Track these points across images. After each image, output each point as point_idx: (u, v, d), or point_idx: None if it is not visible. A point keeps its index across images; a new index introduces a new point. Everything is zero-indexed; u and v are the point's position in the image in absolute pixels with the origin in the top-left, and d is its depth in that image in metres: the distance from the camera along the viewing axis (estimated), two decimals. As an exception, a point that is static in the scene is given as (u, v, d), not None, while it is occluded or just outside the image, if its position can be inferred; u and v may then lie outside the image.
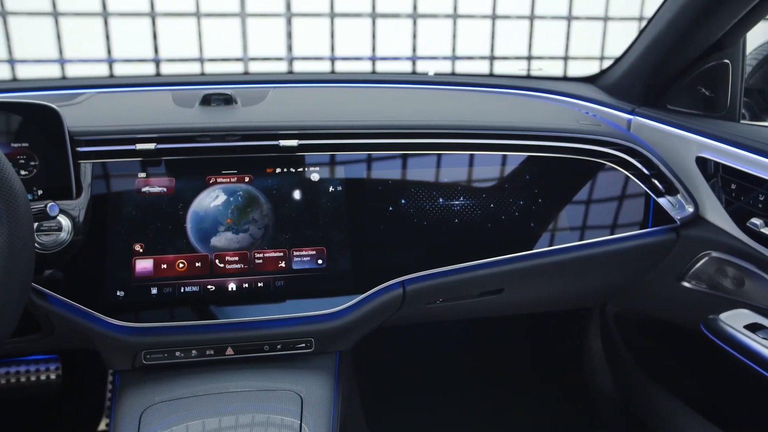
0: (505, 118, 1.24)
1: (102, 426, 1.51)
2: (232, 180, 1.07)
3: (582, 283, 1.27)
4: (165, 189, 1.05)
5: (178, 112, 1.15)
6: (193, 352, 1.03)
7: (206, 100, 1.17)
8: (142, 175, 1.06)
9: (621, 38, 3.57)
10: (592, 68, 3.57)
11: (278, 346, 1.05)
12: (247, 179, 1.07)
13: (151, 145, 1.05)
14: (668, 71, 1.30)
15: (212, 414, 0.98)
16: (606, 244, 1.18)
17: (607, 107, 1.41)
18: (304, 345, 1.06)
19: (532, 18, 3.52)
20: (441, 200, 1.13)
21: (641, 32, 1.33)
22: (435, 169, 1.15)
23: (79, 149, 1.04)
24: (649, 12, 3.43)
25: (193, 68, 3.53)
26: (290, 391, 1.02)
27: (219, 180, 1.07)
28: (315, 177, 1.09)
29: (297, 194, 1.08)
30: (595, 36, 3.56)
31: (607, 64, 1.68)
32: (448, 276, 1.10)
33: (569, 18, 3.56)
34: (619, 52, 1.54)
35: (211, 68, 3.50)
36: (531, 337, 1.82)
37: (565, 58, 3.62)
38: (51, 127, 1.01)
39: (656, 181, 1.19)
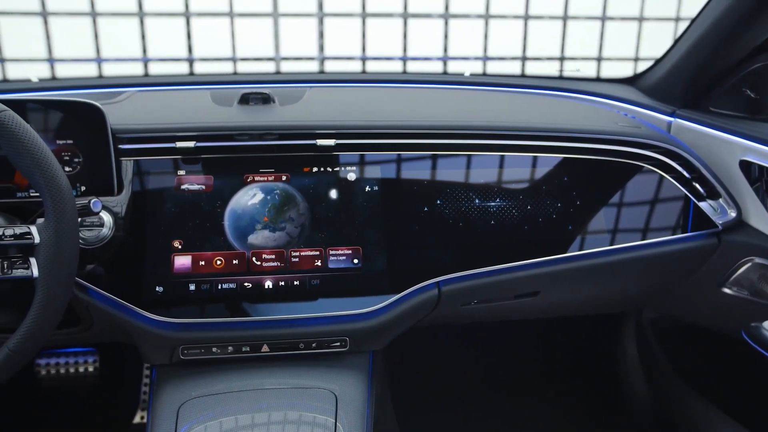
0: (543, 119, 1.23)
1: (137, 419, 1.53)
2: (270, 179, 1.08)
3: (619, 288, 1.25)
4: (203, 187, 1.06)
5: (216, 110, 1.16)
6: (230, 348, 1.04)
7: (244, 99, 1.18)
8: (182, 172, 1.07)
9: (657, 39, 3.51)
10: (625, 69, 3.52)
11: (313, 345, 1.06)
12: (284, 178, 1.08)
13: (191, 144, 1.06)
14: (712, 73, 1.28)
15: (248, 410, 0.99)
16: (644, 248, 1.16)
17: (646, 109, 1.38)
18: (339, 344, 1.06)
19: (565, 18, 3.49)
20: (477, 201, 1.12)
21: (683, 33, 1.30)
22: (471, 170, 1.14)
23: (120, 147, 1.06)
24: (686, 13, 3.36)
25: (226, 67, 3.56)
26: (325, 389, 1.02)
27: (256, 178, 1.07)
28: (351, 176, 1.10)
29: (333, 193, 1.08)
30: (629, 37, 3.51)
31: (642, 65, 1.65)
32: (484, 277, 1.09)
33: (603, 18, 3.51)
34: (653, 54, 1.51)
35: (243, 67, 3.53)
36: (565, 341, 1.80)
37: (599, 59, 3.57)
38: (95, 124, 1.03)
39: (697, 185, 1.17)
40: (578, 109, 1.37)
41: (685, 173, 1.17)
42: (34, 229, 0.85)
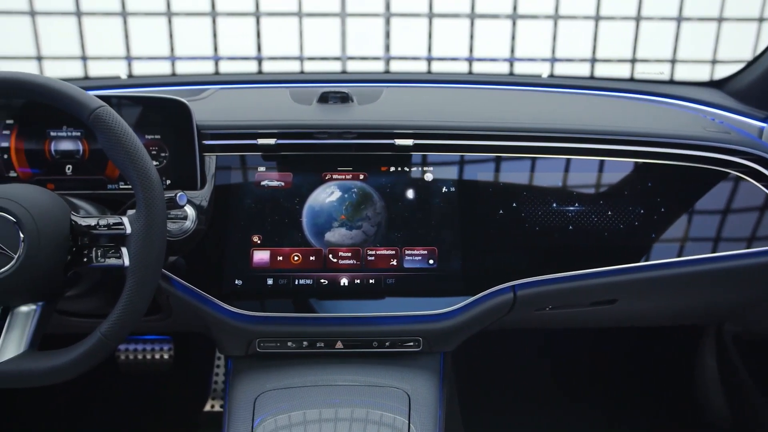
0: (625, 123, 1.19)
1: (207, 407, 1.58)
2: (347, 177, 1.09)
3: (701, 300, 1.21)
4: (283, 183, 1.08)
5: (296, 109, 1.18)
6: (304, 343, 1.05)
7: (324, 98, 1.19)
8: (262, 169, 1.09)
9: (735, 41, 3.36)
10: (699, 73, 3.38)
11: (386, 344, 1.06)
12: (361, 177, 1.09)
13: (272, 141, 1.08)
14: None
15: (321, 405, 1.00)
16: (731, 259, 1.11)
17: (736, 114, 1.33)
18: (412, 343, 1.06)
19: (638, 19, 3.39)
20: (554, 205, 1.10)
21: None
22: (549, 173, 1.12)
23: (204, 142, 1.09)
24: (769, 13, 3.20)
25: (293, 66, 3.62)
26: (398, 388, 1.03)
27: (334, 176, 1.09)
28: (429, 177, 1.09)
29: (410, 193, 1.09)
30: (702, 38, 3.37)
31: (720, 67, 1.58)
32: (561, 283, 1.07)
33: (679, 19, 3.39)
34: (734, 55, 1.44)
35: (310, 66, 3.58)
36: (639, 351, 1.75)
37: (673, 61, 3.45)
38: (181, 120, 1.07)
39: (792, 194, 1.11)
40: (661, 112, 1.33)
41: (778, 181, 1.11)
42: (125, 220, 0.88)
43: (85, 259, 0.89)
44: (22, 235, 0.83)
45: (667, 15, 3.40)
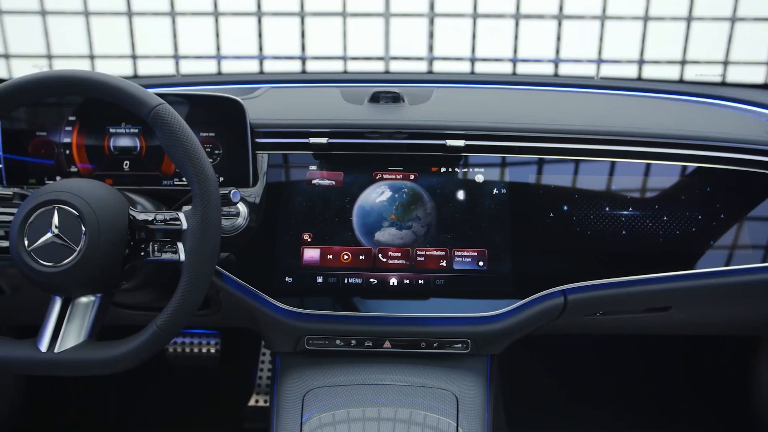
0: (682, 125, 1.16)
1: (251, 402, 1.60)
2: (398, 177, 1.09)
3: (760, 309, 1.17)
4: (334, 182, 1.09)
5: (348, 108, 1.18)
6: (353, 342, 1.06)
7: (375, 98, 1.19)
8: (313, 167, 1.10)
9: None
10: (754, 74, 3.28)
11: (434, 345, 1.06)
12: (412, 177, 1.09)
13: (324, 140, 1.09)
14: None
15: (368, 404, 1.00)
16: (793, 268, 1.07)
17: (797, 117, 1.28)
18: (460, 345, 1.05)
19: (689, 20, 3.30)
20: (607, 209, 1.08)
21: None
22: (601, 176, 1.10)
23: (257, 140, 1.10)
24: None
25: (336, 66, 3.64)
26: (446, 390, 1.02)
27: (385, 176, 1.09)
28: (479, 178, 1.09)
29: (461, 194, 1.08)
30: (758, 39, 3.27)
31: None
32: (613, 288, 1.05)
33: (733, 19, 3.30)
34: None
35: (352, 66, 3.59)
36: (691, 360, 1.70)
37: (725, 63, 3.36)
38: (235, 118, 1.08)
39: None
40: (716, 114, 1.29)
41: None
42: (182, 216, 0.89)
43: (142, 253, 0.91)
44: (83, 229, 0.86)
45: (720, 15, 3.31)
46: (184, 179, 1.10)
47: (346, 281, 1.05)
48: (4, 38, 3.45)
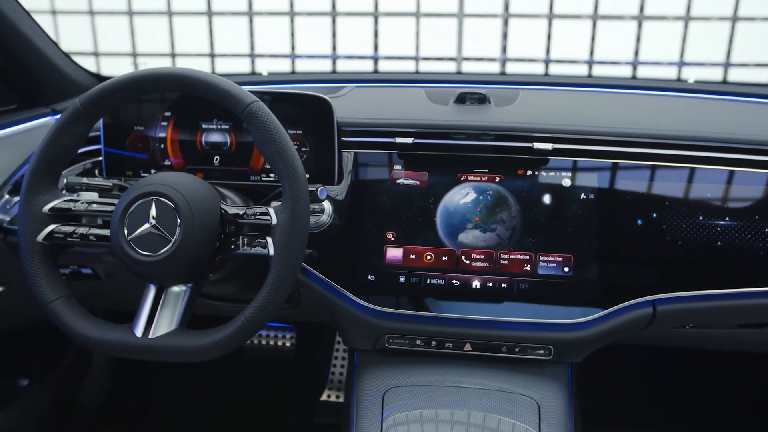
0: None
1: (323, 396, 1.62)
2: (483, 179, 1.08)
3: None
4: (418, 182, 1.09)
5: (433, 109, 1.18)
6: (433, 342, 1.06)
7: (461, 99, 1.19)
8: (398, 167, 1.10)
9: None
10: None
11: (516, 349, 1.04)
12: (497, 179, 1.07)
13: (409, 140, 1.09)
14: None
15: (447, 405, 1.00)
16: None
17: None
18: (542, 352, 1.03)
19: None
20: (701, 218, 1.04)
21: None
22: (695, 183, 1.06)
23: (343, 139, 1.12)
24: None
25: (408, 66, 3.64)
26: (527, 396, 1.01)
27: (470, 178, 1.08)
28: (566, 182, 1.06)
29: (547, 198, 1.06)
30: None
31: None
32: (708, 301, 1.01)
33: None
34: None
35: (424, 67, 3.58)
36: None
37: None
38: (323, 117, 1.10)
39: None
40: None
41: None
42: (272, 211, 0.91)
43: (231, 246, 0.93)
44: (179, 221, 0.88)
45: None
46: (271, 175, 1.12)
47: (428, 281, 1.05)
48: (94, 37, 3.62)
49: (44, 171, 0.94)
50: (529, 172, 1.07)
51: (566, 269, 1.03)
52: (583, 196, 1.06)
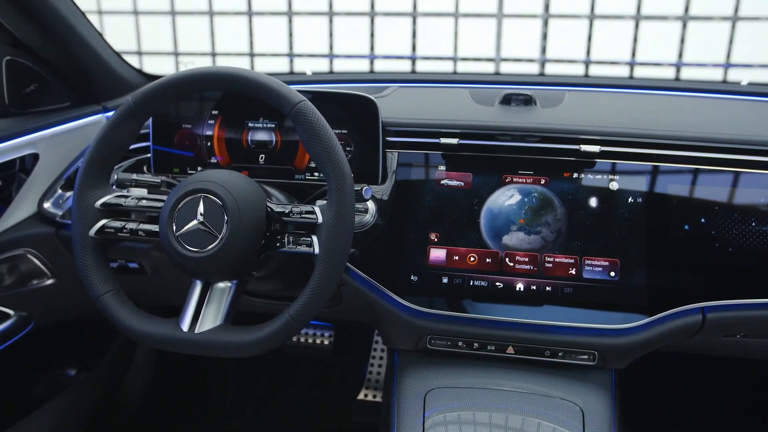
0: None
1: (360, 395, 1.62)
2: (528, 180, 1.07)
3: None
4: (462, 183, 1.08)
5: (478, 110, 1.18)
6: (475, 344, 1.05)
7: (506, 100, 1.18)
8: (442, 168, 1.10)
9: None
10: None
11: (559, 354, 1.03)
12: (542, 181, 1.06)
13: (454, 140, 1.09)
14: None
15: (488, 408, 0.99)
16: None
17: None
18: (586, 357, 1.02)
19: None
20: (753, 224, 1.01)
21: None
22: (746, 188, 1.03)
23: (387, 139, 1.12)
24: None
25: (447, 66, 3.63)
26: (570, 402, 0.99)
27: (515, 179, 1.07)
28: (614, 186, 1.05)
29: (593, 201, 1.04)
30: None
31: None
32: (761, 310, 0.98)
33: None
34: None
35: (463, 67, 3.57)
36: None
37: None
38: (368, 116, 1.10)
39: None
40: None
41: None
42: (317, 210, 0.91)
43: (277, 244, 0.94)
44: (226, 217, 0.89)
45: None
46: (316, 174, 1.13)
47: (471, 283, 1.05)
48: (137, 36, 3.70)
49: (97, 167, 0.96)
50: (575, 175, 1.06)
51: (612, 274, 1.02)
52: (630, 199, 1.04)
